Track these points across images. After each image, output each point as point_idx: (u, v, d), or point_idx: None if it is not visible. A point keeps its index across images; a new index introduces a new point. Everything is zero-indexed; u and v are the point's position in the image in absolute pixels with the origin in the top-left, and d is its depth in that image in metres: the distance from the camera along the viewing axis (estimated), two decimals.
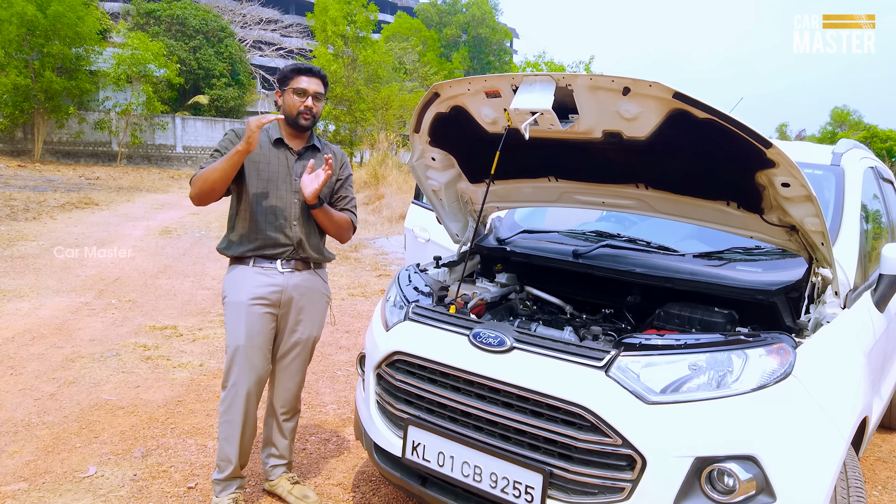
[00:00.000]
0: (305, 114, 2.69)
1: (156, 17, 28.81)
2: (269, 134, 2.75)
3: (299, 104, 2.68)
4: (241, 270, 2.72)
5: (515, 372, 2.07)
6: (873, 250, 3.05)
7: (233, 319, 2.68)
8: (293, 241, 2.73)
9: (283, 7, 42.01)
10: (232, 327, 2.68)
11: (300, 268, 2.77)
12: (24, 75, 20.54)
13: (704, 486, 1.83)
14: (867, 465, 3.68)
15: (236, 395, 2.68)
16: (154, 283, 7.22)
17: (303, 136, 2.80)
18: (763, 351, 1.94)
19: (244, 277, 2.70)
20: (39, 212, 11.65)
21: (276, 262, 2.72)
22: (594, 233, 3.11)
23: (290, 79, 2.70)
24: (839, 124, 40.63)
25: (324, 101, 2.79)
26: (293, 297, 2.74)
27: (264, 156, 2.71)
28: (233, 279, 2.73)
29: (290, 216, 2.72)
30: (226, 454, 2.73)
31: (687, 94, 1.90)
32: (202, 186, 2.59)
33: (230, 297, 2.71)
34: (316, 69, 2.74)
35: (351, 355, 5.13)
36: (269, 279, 2.70)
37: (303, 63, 2.75)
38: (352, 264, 9.19)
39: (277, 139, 2.74)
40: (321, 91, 2.73)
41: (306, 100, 2.68)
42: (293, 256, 2.74)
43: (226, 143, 2.71)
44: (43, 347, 4.86)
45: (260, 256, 2.71)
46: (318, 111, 2.75)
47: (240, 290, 2.68)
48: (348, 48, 25.58)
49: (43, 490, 2.94)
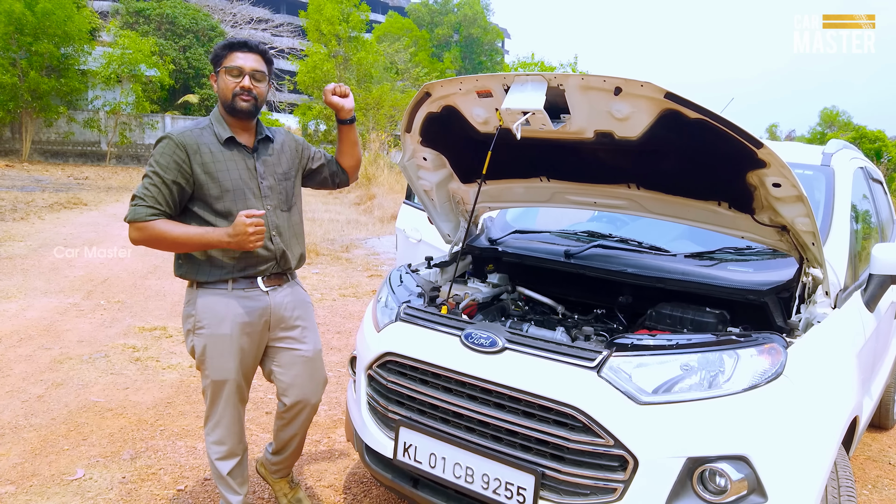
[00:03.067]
0: (243, 95, 2.30)
1: (145, 16, 28.67)
2: (216, 132, 2.35)
3: (233, 85, 2.29)
4: (218, 297, 2.37)
5: (507, 373, 2.06)
6: (863, 250, 3.06)
7: (218, 353, 2.39)
8: (276, 253, 2.43)
9: (274, 6, 41.90)
10: (217, 362, 2.39)
11: (282, 282, 2.50)
12: (10, 74, 20.36)
13: (696, 487, 1.83)
14: (857, 465, 3.70)
15: (227, 427, 2.50)
16: (143, 283, 7.17)
17: (250, 128, 2.43)
18: (754, 351, 1.94)
19: (224, 305, 2.36)
20: (27, 212, 11.55)
21: (257, 280, 2.42)
22: (586, 233, 3.11)
23: (222, 57, 2.32)
24: (828, 125, 40.89)
25: (268, 83, 2.40)
26: (283, 315, 2.49)
27: (219, 162, 2.32)
28: (209, 308, 2.36)
29: (266, 226, 2.34)
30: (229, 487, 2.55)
31: (678, 94, 1.90)
32: (155, 244, 2.25)
33: (210, 330, 2.36)
34: (254, 43, 2.36)
35: (342, 356, 5.11)
36: (253, 303, 2.40)
37: (237, 38, 2.37)
38: (343, 265, 9.16)
39: (228, 138, 2.36)
40: (261, 69, 2.34)
41: (242, 79, 2.29)
42: (274, 271, 2.46)
43: (165, 161, 2.24)
44: (30, 349, 4.81)
45: (240, 277, 2.39)
46: (261, 93, 2.36)
47: (222, 320, 2.36)
48: (341, 48, 25.55)
49: (30, 493, 2.91)
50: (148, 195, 2.23)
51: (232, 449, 2.54)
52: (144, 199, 2.23)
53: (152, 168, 2.25)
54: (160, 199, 2.24)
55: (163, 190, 2.24)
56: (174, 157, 2.26)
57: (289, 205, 2.53)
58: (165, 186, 2.24)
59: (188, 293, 2.44)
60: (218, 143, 2.35)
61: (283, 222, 2.48)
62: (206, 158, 2.31)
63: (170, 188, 2.25)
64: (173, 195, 2.27)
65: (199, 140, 2.32)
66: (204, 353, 2.40)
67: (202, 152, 2.31)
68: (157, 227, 2.22)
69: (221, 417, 2.49)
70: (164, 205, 2.25)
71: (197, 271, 2.38)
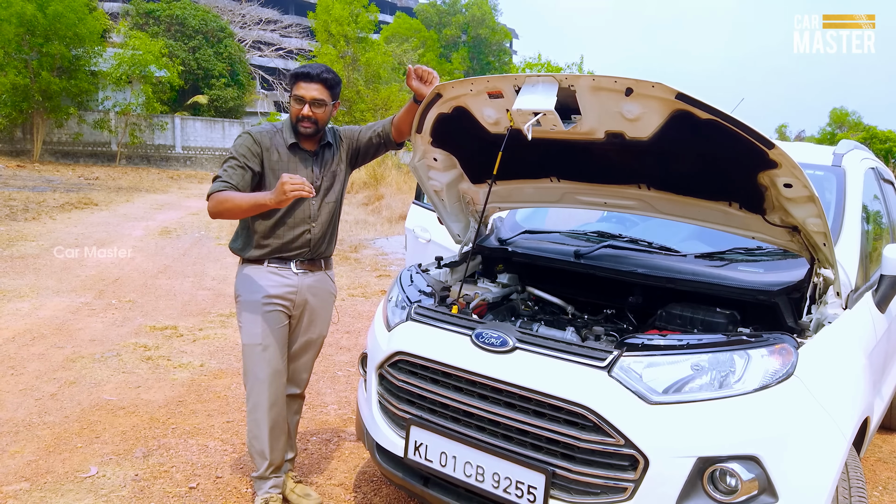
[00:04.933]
0: (304, 122, 2.61)
1: (155, 18, 28.82)
2: (283, 137, 2.68)
3: (297, 111, 2.61)
4: (255, 270, 2.71)
5: (518, 372, 2.07)
6: (874, 251, 3.05)
7: (249, 319, 2.69)
8: (311, 242, 2.73)
9: (283, 7, 41.99)
10: (248, 326, 2.70)
11: (313, 269, 2.78)
12: (22, 75, 20.52)
13: (707, 487, 1.83)
14: (868, 466, 3.68)
15: (260, 392, 2.70)
16: (154, 283, 7.22)
17: (314, 139, 2.72)
18: (765, 351, 1.94)
19: (258, 277, 2.70)
20: (39, 212, 11.64)
21: (290, 263, 2.71)
22: (596, 233, 3.12)
23: (291, 84, 2.66)
24: (838, 125, 40.66)
25: (329, 106, 2.65)
26: (307, 298, 2.76)
27: (283, 163, 2.66)
28: (246, 279, 2.72)
29: (311, 218, 2.71)
30: (257, 450, 2.75)
31: (689, 95, 1.90)
32: (220, 211, 2.54)
33: (245, 297, 2.71)
34: (315, 72, 2.61)
35: (352, 356, 5.13)
36: (283, 279, 2.70)
37: (304, 66, 2.66)
38: (352, 265, 9.19)
39: (293, 143, 2.68)
40: (320, 97, 2.61)
41: (303, 108, 2.60)
42: (307, 257, 2.74)
43: (243, 150, 2.62)
44: (43, 347, 4.85)
45: (276, 258, 2.70)
46: (322, 117, 2.64)
47: (255, 289, 2.68)
48: (350, 48, 25.62)
49: (44, 490, 2.94)
50: (225, 174, 2.58)
51: (260, 416, 2.71)
52: (221, 176, 2.58)
53: (232, 155, 2.62)
54: (234, 178, 2.57)
55: (238, 171, 2.59)
56: (252, 148, 2.64)
57: (334, 200, 2.82)
58: (242, 169, 2.60)
59: (238, 269, 2.80)
60: (284, 146, 2.69)
61: (324, 216, 2.76)
62: (274, 157, 2.66)
63: (245, 171, 2.60)
64: (245, 178, 2.60)
65: (273, 141, 2.68)
66: (240, 318, 2.74)
67: (272, 151, 2.66)
68: (224, 194, 2.53)
69: (253, 384, 2.72)
70: (235, 181, 2.57)
71: (243, 248, 2.74)
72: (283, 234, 2.68)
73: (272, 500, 2.77)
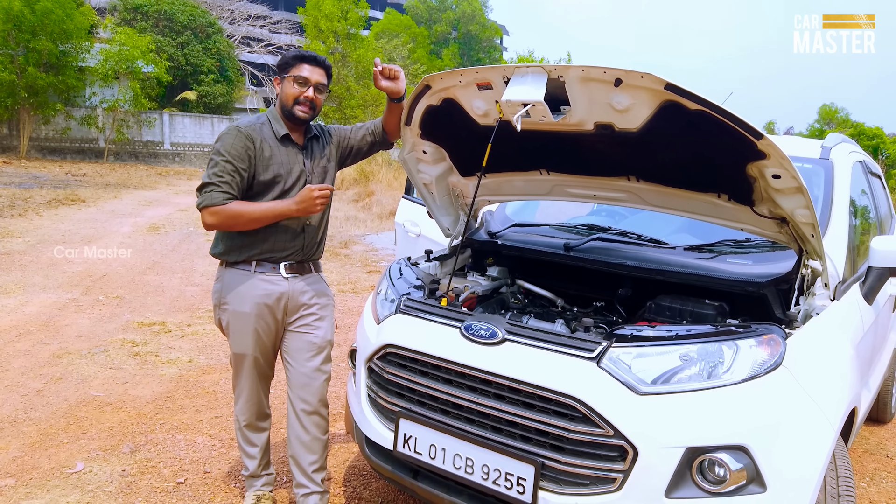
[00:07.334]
0: (304, 104, 2.47)
1: (143, 13, 28.52)
2: (273, 128, 2.52)
3: (298, 93, 2.46)
4: (241, 276, 2.53)
5: (507, 364, 2.07)
6: (862, 244, 3.07)
7: (238, 329, 2.55)
8: (302, 244, 2.59)
9: (272, 3, 41.72)
10: (238, 337, 2.57)
11: (303, 271, 2.62)
12: (8, 71, 20.29)
13: (695, 477, 1.84)
14: (855, 458, 3.71)
15: (248, 400, 2.69)
16: (142, 279, 7.16)
17: (301, 129, 2.60)
18: (754, 342, 1.95)
19: (246, 284, 2.52)
20: (25, 208, 11.53)
21: (279, 266, 2.55)
22: (585, 226, 3.12)
23: (290, 66, 2.49)
24: (827, 122, 40.88)
25: (326, 95, 2.57)
26: (300, 301, 2.60)
27: (275, 157, 2.50)
28: (232, 285, 2.54)
29: (304, 218, 2.55)
30: (246, 453, 2.77)
31: (679, 85, 1.90)
32: (231, 226, 2.42)
33: (233, 307, 2.54)
34: (321, 58, 2.53)
35: (341, 351, 5.11)
36: (272, 286, 2.53)
37: (307, 51, 2.56)
38: (342, 261, 9.16)
39: (284, 135, 2.53)
40: (324, 82, 2.52)
41: (307, 90, 2.47)
42: (297, 259, 2.60)
43: (238, 152, 2.41)
44: (29, 344, 4.81)
45: (264, 260, 2.54)
46: (320, 104, 2.54)
47: (243, 298, 2.52)
48: (339, 45, 25.51)
49: (30, 486, 2.91)
50: (221, 181, 2.37)
51: (251, 418, 2.72)
52: (219, 185, 2.37)
53: (223, 156, 2.39)
54: (233, 184, 2.40)
55: (235, 176, 2.40)
56: (244, 146, 2.42)
57: None
58: (238, 174, 2.41)
59: (219, 271, 2.62)
60: (275, 138, 2.51)
61: (316, 217, 2.63)
62: (266, 153, 2.48)
63: (241, 175, 2.42)
64: (242, 181, 2.43)
65: (262, 134, 2.49)
66: (228, 327, 2.60)
67: (263, 147, 2.48)
68: (232, 208, 2.38)
69: (242, 388, 2.69)
70: (235, 189, 2.41)
71: (228, 252, 2.54)
72: (273, 235, 2.51)
73: (264, 497, 2.75)
